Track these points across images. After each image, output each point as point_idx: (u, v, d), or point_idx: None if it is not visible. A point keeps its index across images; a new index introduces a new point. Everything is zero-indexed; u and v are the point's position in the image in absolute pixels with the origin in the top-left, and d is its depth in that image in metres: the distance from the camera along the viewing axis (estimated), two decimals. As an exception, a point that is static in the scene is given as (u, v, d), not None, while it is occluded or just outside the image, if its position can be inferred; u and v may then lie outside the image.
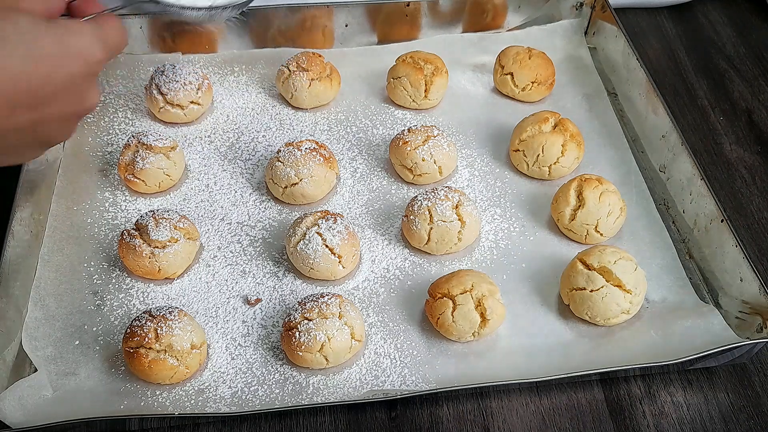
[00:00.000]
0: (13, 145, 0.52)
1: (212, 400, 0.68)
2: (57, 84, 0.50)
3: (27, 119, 0.51)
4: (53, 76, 0.50)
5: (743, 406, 0.70)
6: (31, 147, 0.55)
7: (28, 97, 0.49)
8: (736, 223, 0.85)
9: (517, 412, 0.69)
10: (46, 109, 0.51)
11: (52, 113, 0.52)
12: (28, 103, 0.50)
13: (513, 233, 0.83)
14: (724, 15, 1.17)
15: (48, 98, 0.51)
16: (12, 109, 0.49)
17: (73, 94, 0.52)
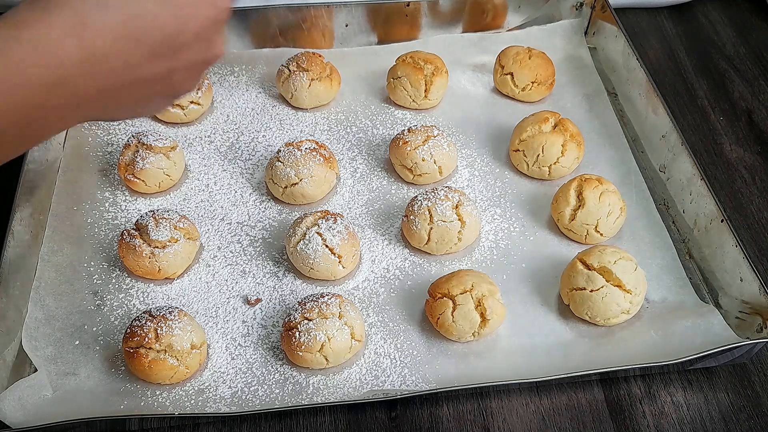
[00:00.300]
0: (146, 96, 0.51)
1: (212, 400, 0.68)
2: (190, 31, 0.49)
3: (163, 68, 0.49)
4: (187, 22, 0.49)
5: (743, 406, 0.70)
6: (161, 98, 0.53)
7: (165, 45, 0.48)
8: (736, 223, 0.85)
9: (517, 412, 0.69)
10: (180, 57, 0.50)
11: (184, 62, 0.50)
12: (165, 51, 0.48)
13: (513, 233, 0.83)
14: (724, 15, 1.17)
15: (182, 46, 0.49)
16: (151, 57, 0.48)
17: (204, 41, 0.51)
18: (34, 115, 0.43)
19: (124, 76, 0.47)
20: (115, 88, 0.47)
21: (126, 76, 0.47)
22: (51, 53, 0.43)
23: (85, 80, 0.45)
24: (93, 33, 0.44)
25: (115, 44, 0.45)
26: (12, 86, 0.42)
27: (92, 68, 0.45)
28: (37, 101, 0.43)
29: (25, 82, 0.42)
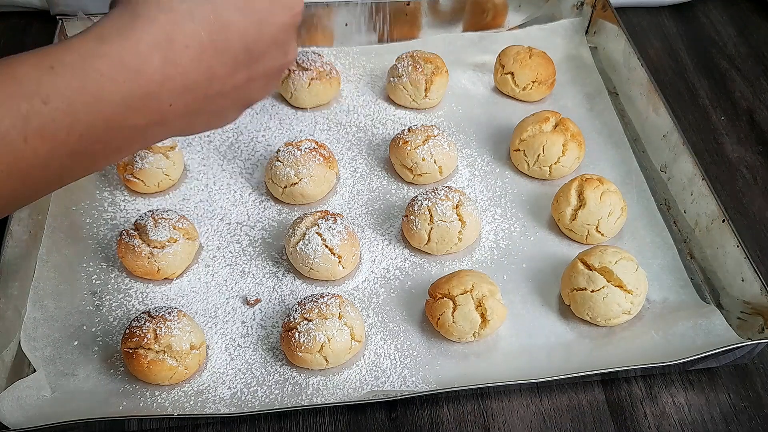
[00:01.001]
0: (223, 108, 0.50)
1: (211, 400, 0.68)
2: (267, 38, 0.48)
3: (243, 77, 0.48)
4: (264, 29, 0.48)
5: (745, 407, 0.70)
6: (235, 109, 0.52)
7: (245, 54, 0.47)
8: (738, 223, 0.85)
9: (518, 412, 0.69)
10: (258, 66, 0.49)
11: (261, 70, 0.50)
12: (245, 60, 0.48)
13: (513, 233, 0.83)
14: (725, 14, 1.17)
15: (260, 54, 0.49)
16: (233, 68, 0.47)
17: (279, 48, 0.50)
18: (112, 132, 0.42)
19: (208, 89, 0.46)
20: (198, 102, 0.46)
21: (209, 89, 0.46)
22: (136, 69, 0.42)
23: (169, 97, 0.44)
24: (179, 48, 0.43)
25: (201, 57, 0.44)
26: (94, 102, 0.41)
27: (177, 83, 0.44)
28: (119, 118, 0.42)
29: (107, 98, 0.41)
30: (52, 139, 0.40)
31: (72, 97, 0.40)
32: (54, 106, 0.39)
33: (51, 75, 0.40)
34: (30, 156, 0.39)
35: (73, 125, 0.40)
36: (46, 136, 0.40)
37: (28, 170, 0.40)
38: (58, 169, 0.42)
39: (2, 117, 0.38)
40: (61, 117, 0.40)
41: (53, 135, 0.40)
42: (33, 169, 0.40)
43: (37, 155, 0.40)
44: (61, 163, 0.41)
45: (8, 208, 0.43)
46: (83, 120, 0.41)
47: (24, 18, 1.12)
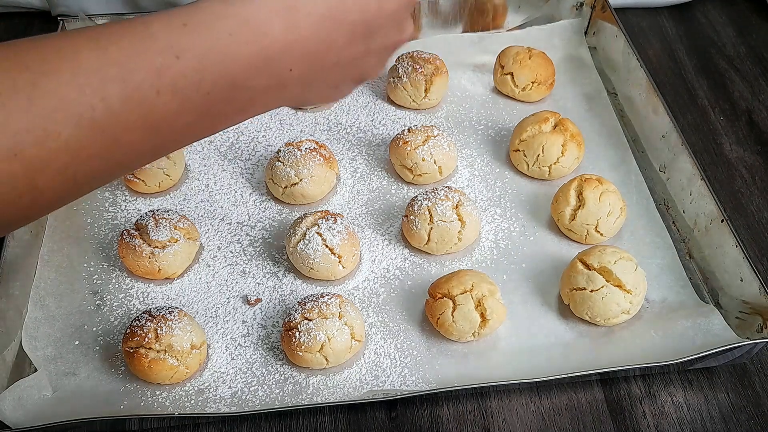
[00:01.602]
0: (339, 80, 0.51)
1: (212, 400, 0.68)
2: (386, 13, 0.49)
3: (359, 50, 0.49)
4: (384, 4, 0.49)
5: (743, 407, 0.70)
6: (349, 82, 0.53)
7: (363, 27, 0.48)
8: (737, 223, 0.85)
9: (517, 412, 0.69)
10: (375, 40, 0.50)
11: (378, 44, 0.51)
12: (362, 33, 0.49)
13: (513, 233, 0.83)
14: (724, 15, 1.17)
15: (378, 28, 0.50)
16: (350, 40, 0.48)
17: (396, 24, 0.51)
18: (235, 92, 0.44)
19: (326, 58, 0.47)
20: (315, 70, 0.47)
21: (327, 58, 0.47)
22: (259, 31, 0.43)
23: (290, 61, 0.45)
24: (300, 15, 0.44)
25: (320, 26, 0.45)
26: (222, 60, 0.42)
27: (297, 50, 0.45)
28: (243, 78, 0.43)
29: (233, 57, 0.42)
30: (181, 94, 0.41)
31: (202, 54, 0.41)
32: (185, 62, 0.41)
33: (184, 32, 0.41)
34: (161, 110, 0.41)
35: (201, 82, 0.42)
36: (176, 91, 0.41)
37: (158, 124, 0.41)
38: (184, 127, 0.43)
39: (138, 69, 0.39)
40: (191, 73, 0.41)
41: (183, 90, 0.41)
42: (162, 123, 0.41)
43: (167, 109, 0.41)
44: (187, 120, 0.43)
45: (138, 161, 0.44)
46: (210, 78, 0.42)
47: (25, 18, 1.13)
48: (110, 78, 0.38)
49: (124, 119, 0.39)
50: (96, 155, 0.39)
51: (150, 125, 0.41)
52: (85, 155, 0.39)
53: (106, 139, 0.39)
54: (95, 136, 0.39)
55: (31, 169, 0.37)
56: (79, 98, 0.38)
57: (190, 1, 0.44)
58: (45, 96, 0.37)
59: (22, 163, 0.37)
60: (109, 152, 0.40)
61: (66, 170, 0.39)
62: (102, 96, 0.38)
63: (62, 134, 0.37)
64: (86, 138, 0.38)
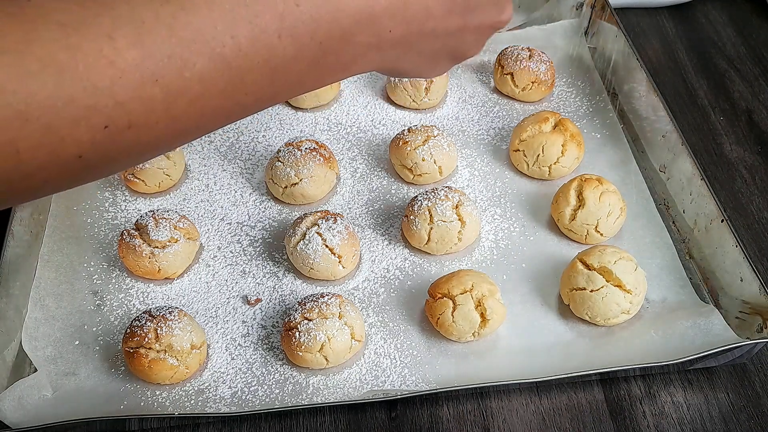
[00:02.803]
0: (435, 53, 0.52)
1: (212, 400, 0.68)
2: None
3: (456, 25, 0.50)
4: None
5: (743, 406, 0.70)
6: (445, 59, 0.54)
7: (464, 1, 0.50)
8: (737, 223, 0.85)
9: (517, 412, 0.69)
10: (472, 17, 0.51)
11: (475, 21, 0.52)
12: (463, 7, 0.50)
13: (513, 233, 0.83)
14: (724, 15, 1.17)
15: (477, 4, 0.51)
16: (449, 11, 0.49)
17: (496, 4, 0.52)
18: (342, 46, 0.45)
19: (423, 25, 0.48)
20: (412, 35, 0.48)
21: (425, 25, 0.48)
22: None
23: (390, 21, 0.46)
24: None
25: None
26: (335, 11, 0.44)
27: (398, 11, 0.46)
28: (346, 32, 0.45)
29: (344, 10, 0.44)
30: (299, 40, 0.43)
31: (319, 4, 0.43)
32: (304, 9, 0.43)
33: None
34: (280, 53, 0.43)
35: (316, 31, 0.43)
36: (295, 37, 0.43)
37: (277, 67, 0.43)
38: (297, 74, 0.45)
39: (264, 12, 0.41)
40: (308, 21, 0.43)
41: (300, 36, 0.43)
42: (281, 67, 0.43)
43: (285, 54, 0.43)
44: (300, 67, 0.44)
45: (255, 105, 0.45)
46: (324, 28, 0.44)
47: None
48: (240, 17, 0.40)
49: (249, 59, 0.41)
50: (223, 91, 0.41)
51: (271, 68, 0.43)
52: (214, 89, 0.41)
53: (233, 76, 0.41)
54: (224, 71, 0.41)
55: (170, 95, 0.39)
56: (213, 33, 0.40)
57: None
58: (183, 28, 0.39)
59: (162, 89, 0.39)
60: (234, 89, 0.42)
61: (197, 101, 0.41)
62: (232, 34, 0.40)
63: (197, 65, 0.39)
64: (216, 72, 0.40)
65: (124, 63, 0.37)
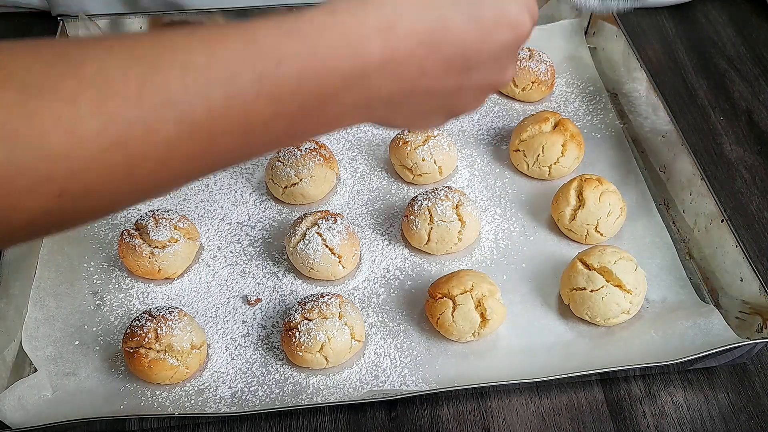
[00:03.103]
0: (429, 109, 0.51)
1: (212, 400, 0.68)
2: (487, 51, 0.49)
3: (453, 83, 0.49)
4: (487, 42, 0.48)
5: (743, 406, 0.70)
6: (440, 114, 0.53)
7: (462, 60, 0.47)
8: (736, 223, 0.85)
9: (517, 412, 0.69)
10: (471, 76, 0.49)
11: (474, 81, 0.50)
12: (460, 67, 0.48)
13: (513, 233, 0.83)
14: (724, 15, 1.17)
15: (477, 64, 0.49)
16: (446, 70, 0.48)
17: (496, 64, 0.50)
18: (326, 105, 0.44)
19: (417, 83, 0.47)
20: (405, 93, 0.47)
21: (418, 83, 0.47)
22: (358, 48, 0.43)
23: (381, 80, 0.45)
24: (399, 36, 0.44)
25: (417, 50, 0.45)
26: (318, 72, 0.42)
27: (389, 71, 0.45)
28: (333, 91, 0.43)
29: (329, 71, 0.42)
30: (277, 102, 0.41)
31: (302, 65, 0.41)
32: (285, 70, 0.41)
33: (287, 40, 0.41)
34: (257, 115, 0.41)
35: (296, 92, 0.42)
36: (273, 98, 0.41)
37: (252, 128, 0.42)
38: (274, 134, 0.43)
39: (241, 73, 0.40)
40: (288, 82, 0.41)
41: (279, 98, 0.41)
42: (256, 128, 0.42)
43: (262, 116, 0.41)
44: (279, 127, 0.43)
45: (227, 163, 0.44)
46: (305, 89, 0.42)
47: (25, 19, 1.13)
48: (214, 79, 0.39)
49: (222, 121, 0.40)
50: (191, 153, 0.40)
51: (245, 129, 0.41)
52: (181, 153, 0.39)
53: (203, 138, 0.40)
54: (193, 134, 0.39)
55: (132, 161, 0.38)
56: (184, 96, 0.38)
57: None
58: (153, 90, 0.37)
59: (123, 155, 0.37)
60: (203, 151, 0.41)
61: (162, 165, 0.39)
62: (204, 97, 0.39)
63: (163, 130, 0.38)
64: (185, 136, 0.39)
65: (83, 130, 0.35)
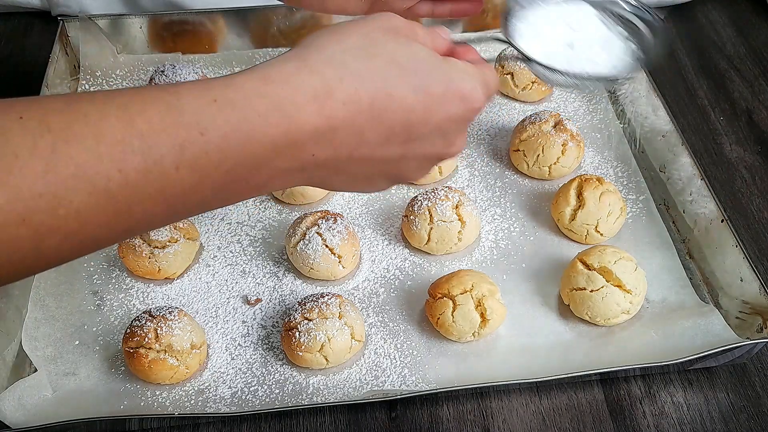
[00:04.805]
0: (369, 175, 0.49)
1: (212, 400, 0.68)
2: (433, 123, 0.47)
3: (394, 153, 0.47)
4: (433, 113, 0.47)
5: (743, 407, 0.70)
6: (382, 180, 0.51)
7: (405, 130, 0.46)
8: (736, 223, 0.85)
9: (517, 412, 0.69)
10: (414, 146, 0.48)
11: (417, 151, 0.48)
12: (403, 137, 0.47)
13: (513, 233, 0.83)
14: (724, 15, 1.17)
15: (421, 136, 0.47)
16: (387, 139, 0.46)
17: (443, 137, 0.49)
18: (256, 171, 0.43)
19: (356, 150, 0.46)
20: (342, 160, 0.46)
21: (357, 151, 0.46)
22: (290, 116, 0.42)
23: (316, 148, 0.44)
24: (336, 103, 0.43)
25: (356, 118, 0.44)
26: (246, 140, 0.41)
27: (324, 137, 0.43)
28: (264, 159, 0.42)
29: (258, 138, 0.41)
30: (200, 170, 0.40)
31: (228, 133, 0.40)
32: (209, 138, 0.40)
33: (212, 108, 0.40)
34: (177, 184, 0.40)
35: (222, 160, 0.41)
36: (196, 168, 0.40)
37: (172, 197, 0.40)
38: (199, 200, 0.42)
39: (160, 143, 0.39)
40: (213, 151, 0.40)
41: (203, 167, 0.40)
42: (177, 197, 0.41)
43: (183, 184, 0.40)
44: (204, 194, 0.42)
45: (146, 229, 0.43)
46: (232, 156, 0.41)
47: (25, 18, 1.13)
48: (131, 150, 0.38)
49: (139, 191, 0.39)
50: (105, 223, 0.39)
51: (164, 198, 0.40)
52: (94, 223, 0.38)
53: (119, 208, 0.39)
54: (107, 205, 0.38)
55: (39, 234, 0.36)
56: (97, 167, 0.37)
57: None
58: (63, 162, 0.36)
59: (29, 228, 0.36)
60: (119, 221, 0.39)
61: (73, 237, 0.38)
62: (120, 167, 0.37)
63: (74, 202, 0.37)
64: (98, 207, 0.38)
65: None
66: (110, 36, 1.01)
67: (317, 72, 0.43)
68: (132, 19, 1.02)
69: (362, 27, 0.47)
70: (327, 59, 0.44)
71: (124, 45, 1.03)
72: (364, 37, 0.46)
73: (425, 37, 0.51)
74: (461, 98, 0.48)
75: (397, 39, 0.47)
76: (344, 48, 0.45)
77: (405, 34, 0.48)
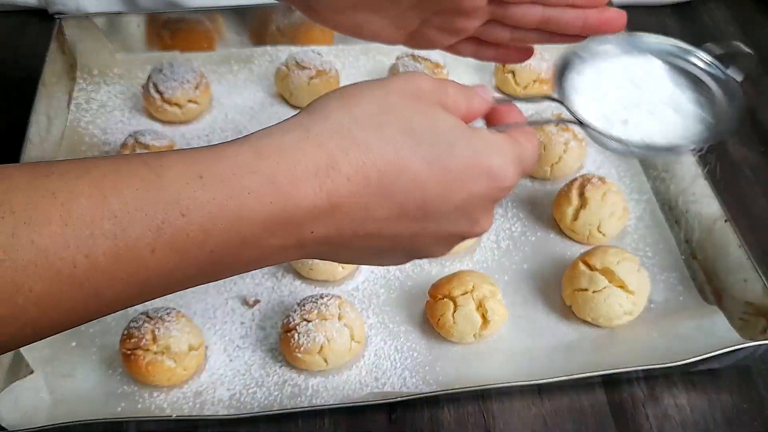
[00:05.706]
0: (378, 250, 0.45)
1: (210, 402, 0.67)
2: (453, 201, 0.42)
3: (408, 230, 0.43)
4: (452, 191, 0.42)
5: (747, 409, 0.70)
6: (396, 256, 0.47)
7: (419, 209, 0.42)
8: (740, 224, 0.84)
9: (519, 414, 0.69)
10: (431, 225, 0.43)
11: (435, 230, 0.44)
12: (417, 214, 0.42)
13: (514, 233, 0.83)
14: (727, 14, 1.16)
15: (439, 214, 0.43)
16: (399, 216, 0.41)
17: (466, 216, 0.44)
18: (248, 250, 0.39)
19: (362, 226, 0.41)
20: (347, 236, 0.41)
21: (363, 226, 0.41)
22: (286, 193, 0.38)
23: (315, 225, 0.40)
24: (339, 178, 0.39)
25: (361, 193, 0.40)
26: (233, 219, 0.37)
27: (323, 214, 0.39)
28: (248, 239, 0.38)
29: (247, 217, 0.38)
30: (181, 252, 0.37)
31: (212, 213, 0.37)
32: (191, 219, 0.36)
33: (196, 185, 0.37)
34: (154, 267, 0.36)
35: (206, 241, 0.37)
36: (175, 249, 0.36)
37: (148, 279, 0.37)
38: (181, 279, 0.39)
39: (134, 225, 0.35)
40: (195, 232, 0.37)
41: (183, 249, 0.37)
42: (154, 278, 0.37)
43: (161, 267, 0.37)
44: (185, 273, 0.38)
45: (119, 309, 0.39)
46: (217, 238, 0.37)
47: (21, 17, 1.12)
48: (101, 233, 0.34)
49: (109, 275, 0.35)
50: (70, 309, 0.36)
51: (139, 281, 0.37)
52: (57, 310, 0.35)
53: (86, 294, 0.35)
54: (73, 291, 0.35)
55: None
56: (62, 253, 0.34)
57: None
58: (23, 248, 0.33)
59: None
60: (86, 305, 0.36)
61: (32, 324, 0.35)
62: (87, 252, 0.34)
63: (34, 289, 0.34)
64: (62, 293, 0.34)
65: None
66: (108, 34, 1.00)
67: (320, 145, 0.39)
68: (130, 17, 1.01)
69: (378, 89, 0.42)
70: (333, 129, 0.40)
71: (122, 43, 1.02)
72: (378, 101, 0.41)
73: (457, 97, 0.46)
74: (487, 175, 0.43)
75: (417, 105, 0.42)
76: (354, 116, 0.40)
77: (429, 99, 0.43)
